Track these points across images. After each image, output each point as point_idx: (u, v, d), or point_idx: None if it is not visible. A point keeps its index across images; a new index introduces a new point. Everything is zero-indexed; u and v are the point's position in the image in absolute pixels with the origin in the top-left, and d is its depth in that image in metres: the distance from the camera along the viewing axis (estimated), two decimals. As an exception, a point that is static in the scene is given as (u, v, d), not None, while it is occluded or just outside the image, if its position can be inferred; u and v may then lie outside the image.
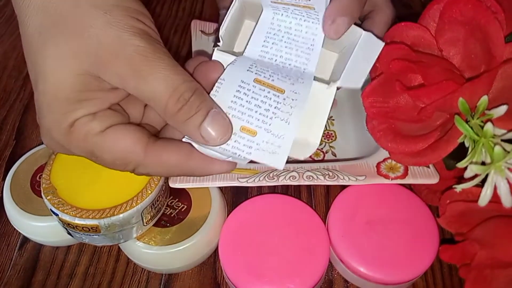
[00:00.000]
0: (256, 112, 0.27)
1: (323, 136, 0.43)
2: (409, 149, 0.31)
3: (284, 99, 0.27)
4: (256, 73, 0.28)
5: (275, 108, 0.27)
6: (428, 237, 0.33)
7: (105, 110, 0.27)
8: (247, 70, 0.28)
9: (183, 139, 0.27)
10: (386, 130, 0.33)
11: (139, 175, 0.28)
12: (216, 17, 0.45)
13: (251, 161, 0.27)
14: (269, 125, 0.27)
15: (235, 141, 0.27)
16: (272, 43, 0.30)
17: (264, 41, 0.30)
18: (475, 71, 0.31)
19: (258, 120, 0.27)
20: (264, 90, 0.27)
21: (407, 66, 0.31)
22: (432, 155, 0.30)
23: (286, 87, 0.28)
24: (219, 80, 0.28)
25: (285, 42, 0.30)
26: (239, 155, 0.27)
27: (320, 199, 0.40)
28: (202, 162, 0.27)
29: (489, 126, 0.28)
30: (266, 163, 0.27)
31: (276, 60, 0.30)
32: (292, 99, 0.27)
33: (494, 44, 0.29)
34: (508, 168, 0.27)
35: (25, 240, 0.38)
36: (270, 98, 0.27)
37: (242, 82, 0.28)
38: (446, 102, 0.29)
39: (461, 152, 0.29)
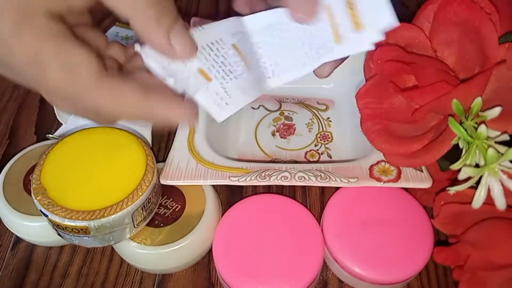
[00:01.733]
0: (220, 67, 0.27)
1: (319, 137, 0.43)
2: (403, 150, 0.31)
3: (247, 78, 0.28)
4: (238, 41, 0.28)
5: (237, 75, 0.28)
6: (422, 237, 0.33)
7: (68, 21, 0.24)
8: (232, 34, 0.28)
9: (136, 47, 0.26)
10: (380, 131, 0.33)
11: (81, 111, 0.25)
12: (212, 17, 0.45)
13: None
14: (226, 82, 0.27)
15: (188, 76, 0.26)
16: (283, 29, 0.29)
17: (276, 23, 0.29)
18: (470, 71, 0.30)
19: (218, 73, 0.27)
20: (236, 57, 0.28)
21: (400, 68, 0.31)
22: (426, 157, 0.30)
23: (255, 71, 0.29)
24: (201, 26, 0.27)
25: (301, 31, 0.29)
26: (188, 88, 0.26)
27: (315, 199, 0.40)
28: (161, 102, 0.25)
29: (482, 128, 0.27)
30: (207, 108, 0.27)
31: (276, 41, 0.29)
32: (254, 83, 0.28)
33: (488, 45, 0.29)
34: (502, 170, 0.27)
35: (18, 240, 0.37)
36: (238, 67, 0.28)
37: (221, 40, 0.28)
38: (440, 104, 0.29)
39: (455, 153, 0.29)
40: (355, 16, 0.29)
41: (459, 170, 0.29)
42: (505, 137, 0.28)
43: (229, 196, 0.40)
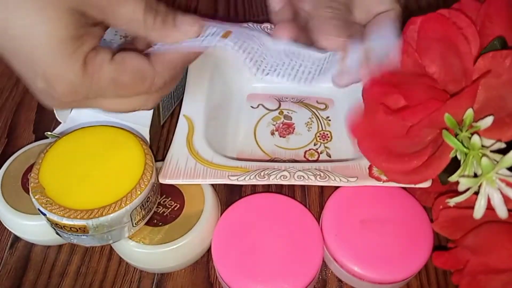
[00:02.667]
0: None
1: (318, 136, 0.43)
2: (403, 168, 0.31)
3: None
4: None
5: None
6: (422, 236, 0.33)
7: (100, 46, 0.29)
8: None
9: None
10: (379, 150, 0.32)
11: (157, 91, 0.30)
12: (210, 16, 0.45)
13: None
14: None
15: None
16: None
17: None
18: (458, 84, 0.31)
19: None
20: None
21: (387, 90, 0.31)
22: (426, 173, 0.30)
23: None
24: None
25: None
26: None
27: (314, 198, 0.40)
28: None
29: (475, 139, 0.27)
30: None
31: None
32: None
33: (464, 59, 0.29)
34: (500, 178, 0.27)
35: (16, 239, 0.37)
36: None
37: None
38: (433, 120, 0.29)
39: (454, 164, 0.29)
40: None
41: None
42: (500, 145, 0.28)
43: (228, 195, 0.40)
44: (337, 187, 0.36)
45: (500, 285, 0.28)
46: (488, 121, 0.28)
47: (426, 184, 0.33)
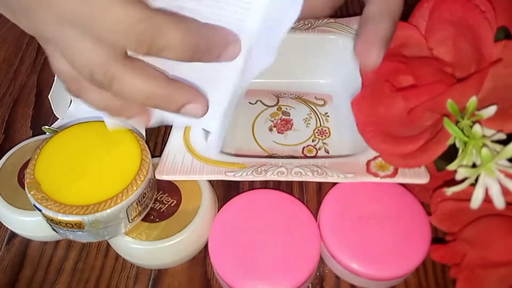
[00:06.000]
0: None
1: (317, 133, 0.42)
2: (399, 151, 0.31)
3: None
4: None
5: None
6: (420, 233, 0.33)
7: None
8: None
9: None
10: (377, 131, 0.32)
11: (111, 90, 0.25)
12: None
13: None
14: None
15: None
16: None
17: None
18: (466, 69, 0.30)
19: None
20: None
21: (397, 67, 0.31)
22: (422, 157, 0.29)
23: None
24: None
25: None
26: None
27: (312, 194, 0.39)
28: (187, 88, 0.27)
29: (477, 128, 0.27)
30: None
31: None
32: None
33: (483, 44, 0.28)
34: (499, 169, 0.27)
35: (13, 235, 0.37)
36: None
37: None
38: (436, 103, 0.28)
39: (453, 152, 0.28)
40: None
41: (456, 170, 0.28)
42: (501, 135, 0.27)
43: (225, 191, 0.40)
44: (335, 183, 0.36)
45: (498, 279, 0.27)
46: (491, 110, 0.27)
47: (425, 180, 0.33)
